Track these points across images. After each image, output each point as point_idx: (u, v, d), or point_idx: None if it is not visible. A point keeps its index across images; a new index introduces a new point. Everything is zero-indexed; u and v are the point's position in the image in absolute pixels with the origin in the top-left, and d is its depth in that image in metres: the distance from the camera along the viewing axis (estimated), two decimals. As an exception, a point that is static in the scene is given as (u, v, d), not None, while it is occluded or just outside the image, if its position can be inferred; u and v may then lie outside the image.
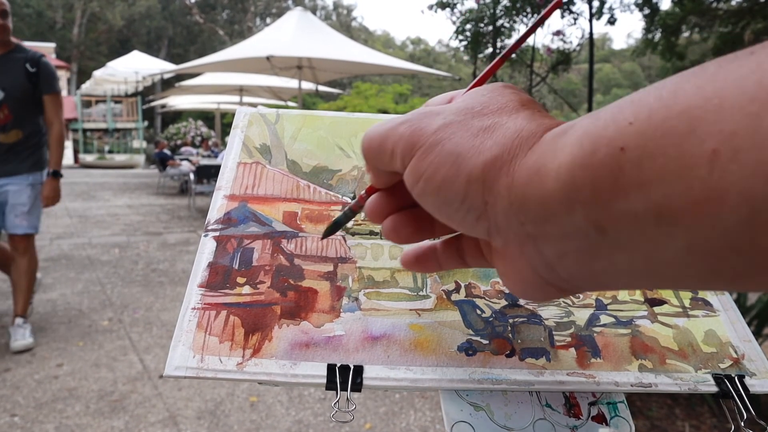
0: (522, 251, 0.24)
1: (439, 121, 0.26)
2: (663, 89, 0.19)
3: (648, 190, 0.18)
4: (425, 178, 0.25)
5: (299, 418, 2.29)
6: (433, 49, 41.92)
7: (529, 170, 0.22)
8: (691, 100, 0.17)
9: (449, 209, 0.25)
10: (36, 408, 2.31)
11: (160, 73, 12.68)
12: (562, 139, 0.22)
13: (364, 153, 0.29)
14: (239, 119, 0.51)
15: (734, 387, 0.36)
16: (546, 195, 0.21)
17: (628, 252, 0.20)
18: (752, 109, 0.15)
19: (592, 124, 0.20)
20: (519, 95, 0.27)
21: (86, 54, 28.59)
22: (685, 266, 0.19)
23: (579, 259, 0.22)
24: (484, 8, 4.15)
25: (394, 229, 0.30)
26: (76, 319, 3.39)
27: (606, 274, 0.22)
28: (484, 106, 0.26)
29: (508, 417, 0.33)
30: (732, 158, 0.16)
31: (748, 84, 0.16)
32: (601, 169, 0.19)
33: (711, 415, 2.26)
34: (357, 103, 13.16)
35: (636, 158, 0.18)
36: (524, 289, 0.26)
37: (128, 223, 6.70)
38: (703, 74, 0.18)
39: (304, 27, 8.25)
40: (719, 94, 0.16)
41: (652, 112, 0.18)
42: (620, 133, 0.19)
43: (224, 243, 0.40)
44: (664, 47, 4.35)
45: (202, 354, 0.33)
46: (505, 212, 0.23)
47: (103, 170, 16.10)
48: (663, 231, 0.18)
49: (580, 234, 0.21)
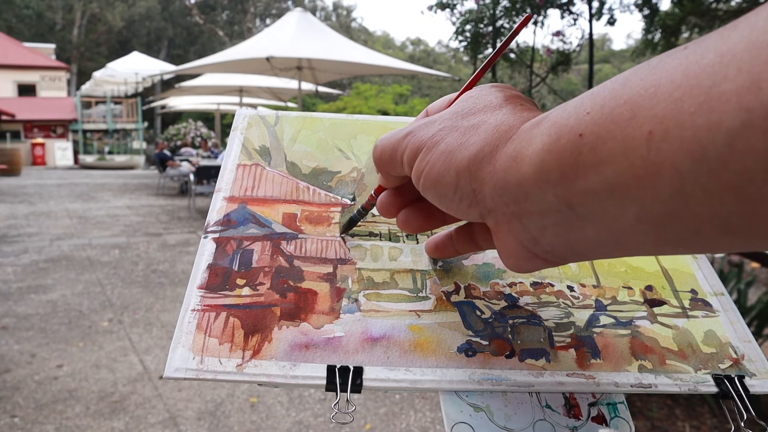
0: (510, 228, 0.27)
1: (435, 128, 0.30)
2: (616, 82, 0.22)
3: (602, 169, 0.21)
4: (424, 175, 0.29)
5: (299, 419, 2.28)
6: (432, 50, 41.92)
7: (508, 158, 0.25)
8: (634, 90, 0.20)
9: (446, 199, 0.29)
10: (36, 409, 2.31)
11: (160, 74, 12.69)
12: (536, 129, 0.25)
13: (376, 162, 0.34)
14: (238, 121, 0.51)
15: (734, 387, 0.35)
16: (522, 178, 0.24)
17: (594, 224, 0.23)
18: (677, 95, 0.18)
19: (560, 115, 0.23)
20: (504, 92, 0.30)
21: (86, 55, 28.59)
22: (640, 234, 0.21)
23: (557, 232, 0.25)
24: (483, 9, 4.15)
25: (407, 221, 0.35)
26: (76, 320, 3.39)
27: (581, 245, 0.25)
28: (471, 107, 0.30)
29: (507, 418, 0.33)
30: (663, 137, 0.18)
31: (676, 74, 0.19)
32: (564, 153, 0.22)
33: (711, 416, 2.26)
34: (357, 104, 13.16)
35: (591, 143, 0.21)
36: (516, 262, 0.29)
37: (128, 224, 6.70)
38: (648, 67, 0.21)
39: (304, 28, 8.25)
40: (655, 83, 0.19)
41: (604, 102, 0.21)
42: (579, 122, 0.22)
43: (224, 245, 0.40)
44: (663, 48, 4.34)
45: (201, 355, 0.33)
46: (491, 196, 0.26)
47: (103, 171, 16.11)
48: (617, 204, 0.21)
49: (553, 210, 0.24)
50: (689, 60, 0.19)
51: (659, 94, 0.19)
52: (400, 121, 0.52)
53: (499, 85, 0.32)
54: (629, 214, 0.21)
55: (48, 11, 28.08)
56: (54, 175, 14.40)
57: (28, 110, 19.18)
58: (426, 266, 0.41)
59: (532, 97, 3.85)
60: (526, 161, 0.24)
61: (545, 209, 0.24)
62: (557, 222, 0.24)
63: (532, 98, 0.36)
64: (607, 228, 0.22)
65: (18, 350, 2.92)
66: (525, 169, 0.24)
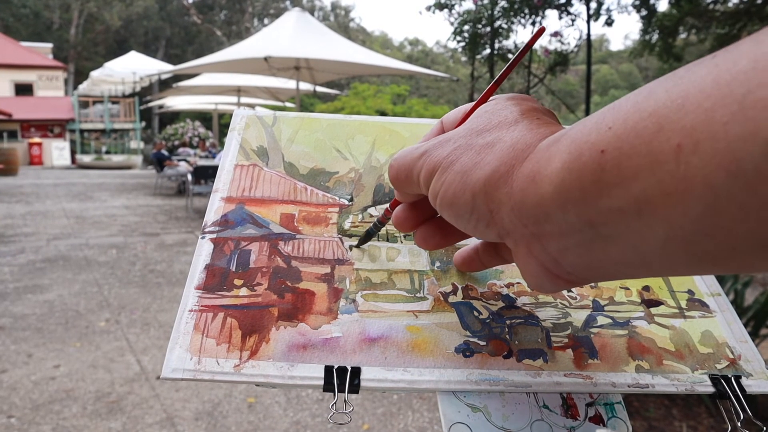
0: (529, 250, 0.26)
1: (450, 146, 0.29)
2: (639, 95, 0.20)
3: (627, 187, 0.19)
4: (440, 196, 0.29)
5: (297, 419, 2.28)
6: (431, 50, 41.92)
7: (525, 178, 0.24)
8: (659, 102, 0.19)
9: (462, 220, 0.28)
10: (33, 409, 2.31)
11: (158, 74, 12.67)
12: (555, 146, 0.23)
13: (393, 181, 0.33)
14: (236, 121, 0.51)
15: (731, 387, 0.36)
16: (541, 198, 0.23)
17: (619, 244, 0.22)
18: (708, 104, 0.17)
19: (579, 131, 0.22)
20: (520, 105, 0.29)
21: (83, 54, 28.52)
22: (669, 254, 0.20)
23: (579, 254, 0.24)
24: (482, 9, 4.16)
25: (424, 239, 0.35)
26: (73, 320, 3.39)
27: (604, 266, 0.24)
28: (486, 123, 0.29)
29: (505, 418, 0.33)
30: (693, 150, 0.17)
31: (705, 83, 0.18)
32: (586, 171, 0.21)
33: (708, 416, 2.26)
34: (355, 104, 13.15)
35: (614, 159, 0.20)
36: (538, 283, 0.28)
37: (125, 224, 6.69)
38: (673, 78, 0.19)
39: (302, 28, 8.25)
40: (682, 94, 0.18)
41: (627, 116, 0.20)
42: (601, 137, 0.21)
43: (221, 245, 0.40)
44: (661, 48, 4.35)
45: (199, 356, 0.33)
46: (509, 217, 0.26)
47: (101, 171, 16.08)
48: (644, 223, 0.20)
49: (575, 231, 0.23)
50: (720, 68, 0.18)
51: (687, 104, 0.18)
52: (398, 122, 0.52)
53: (515, 96, 0.31)
54: (657, 233, 0.19)
55: (45, 10, 28.01)
56: (51, 174, 14.37)
57: (25, 110, 19.13)
58: (424, 267, 0.41)
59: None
60: (546, 181, 0.23)
61: (566, 230, 0.23)
62: (579, 243, 0.23)
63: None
64: (633, 248, 0.21)
65: (15, 350, 2.91)
66: (544, 189, 0.23)
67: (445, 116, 0.34)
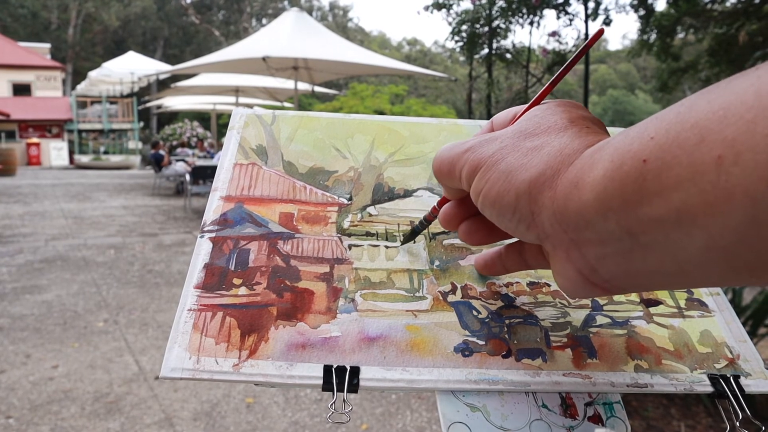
0: (568, 255, 0.26)
1: (496, 146, 0.29)
2: (682, 106, 0.21)
3: (668, 196, 0.20)
4: (483, 194, 0.29)
5: (296, 419, 2.28)
6: (429, 50, 41.93)
7: (569, 183, 0.25)
8: (701, 113, 0.19)
9: (504, 219, 0.29)
10: (31, 410, 2.30)
11: (156, 74, 12.66)
12: (598, 154, 0.24)
13: (435, 173, 0.33)
14: (235, 120, 0.51)
15: (729, 387, 0.36)
16: (583, 205, 0.24)
17: (658, 253, 0.22)
18: (749, 116, 0.17)
19: (622, 140, 0.23)
20: (570, 113, 0.29)
21: (81, 55, 28.48)
22: (708, 263, 0.20)
23: (617, 262, 0.24)
24: (479, 9, 4.16)
25: (468, 233, 0.35)
26: (71, 320, 3.38)
27: (642, 274, 0.24)
28: (535, 127, 0.29)
29: (504, 418, 0.33)
30: (734, 162, 0.17)
31: (747, 95, 0.18)
32: (627, 180, 0.21)
33: (707, 415, 2.27)
34: (353, 104, 13.14)
35: (656, 169, 0.20)
36: (573, 288, 0.28)
37: (124, 224, 6.68)
38: (716, 90, 0.20)
39: (300, 28, 8.25)
40: (724, 105, 0.18)
41: (669, 126, 0.20)
42: (643, 147, 0.21)
43: (220, 244, 0.40)
44: (659, 48, 4.35)
45: (198, 355, 0.33)
46: (550, 221, 0.26)
47: (99, 171, 16.05)
48: (684, 232, 0.20)
49: (614, 239, 0.23)
50: (761, 80, 0.18)
51: (729, 116, 0.18)
52: (397, 121, 0.52)
53: (565, 103, 0.31)
54: (697, 242, 0.20)
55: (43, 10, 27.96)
56: (49, 175, 14.34)
57: (23, 110, 19.10)
58: (423, 266, 0.41)
59: (527, 98, 3.85)
60: (587, 188, 0.23)
61: (606, 238, 0.23)
62: (618, 251, 0.23)
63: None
64: (671, 257, 0.21)
65: (13, 351, 2.91)
66: (586, 196, 0.23)
67: (495, 116, 0.34)
